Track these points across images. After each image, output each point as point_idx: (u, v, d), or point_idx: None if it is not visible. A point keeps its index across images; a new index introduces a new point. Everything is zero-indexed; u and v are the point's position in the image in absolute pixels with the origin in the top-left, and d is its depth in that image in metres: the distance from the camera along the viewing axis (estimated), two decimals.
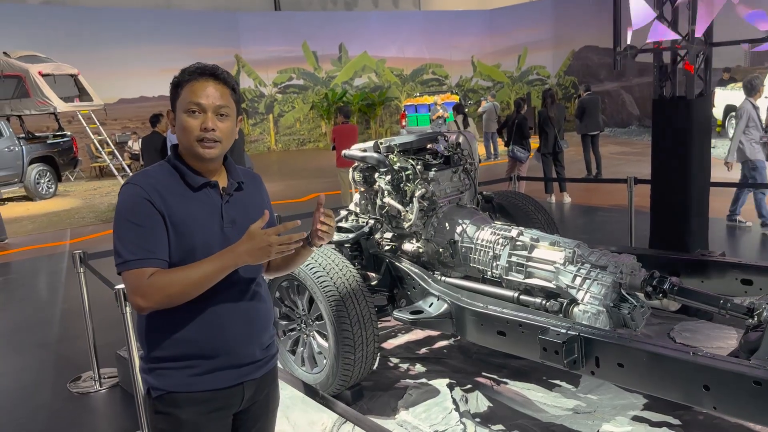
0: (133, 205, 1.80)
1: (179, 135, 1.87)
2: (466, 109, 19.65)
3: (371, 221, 4.15)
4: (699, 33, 4.71)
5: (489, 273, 3.72)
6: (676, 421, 3.27)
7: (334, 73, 24.34)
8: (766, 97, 11.10)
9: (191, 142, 1.84)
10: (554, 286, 3.37)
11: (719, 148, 13.88)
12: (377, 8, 26.01)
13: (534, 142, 10.07)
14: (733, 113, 14.85)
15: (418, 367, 4.15)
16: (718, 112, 15.52)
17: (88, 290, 4.39)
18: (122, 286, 3.24)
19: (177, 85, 1.87)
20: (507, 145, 9.97)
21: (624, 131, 20.48)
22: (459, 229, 3.90)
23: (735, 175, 7.70)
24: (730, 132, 15.00)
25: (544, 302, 3.35)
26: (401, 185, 4.01)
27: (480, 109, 17.16)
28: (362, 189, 4.28)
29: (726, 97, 15.21)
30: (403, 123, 19.04)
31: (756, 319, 2.80)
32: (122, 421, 4.00)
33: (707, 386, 2.44)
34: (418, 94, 21.41)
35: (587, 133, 11.56)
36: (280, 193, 12.72)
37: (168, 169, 1.89)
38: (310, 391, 2.53)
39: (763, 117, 8.99)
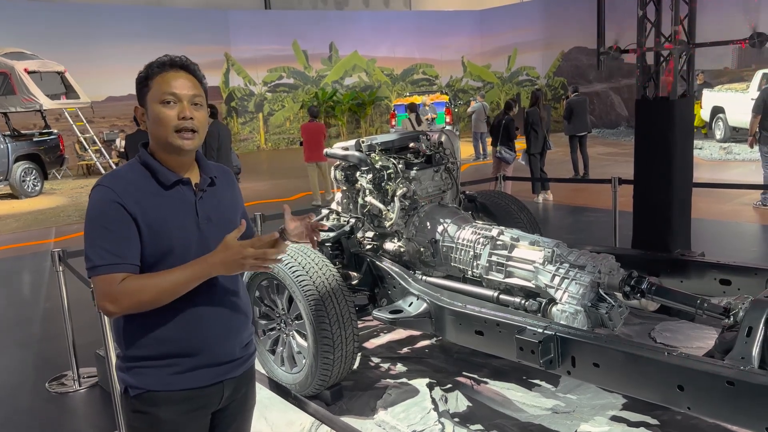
0: (103, 209, 1.77)
1: (154, 128, 1.83)
2: (456, 109, 19.74)
3: (352, 220, 4.13)
4: None
5: (469, 272, 3.72)
6: (654, 421, 3.27)
7: (324, 72, 24.30)
8: (752, 99, 11.19)
9: (169, 133, 1.81)
10: (533, 286, 3.37)
11: (706, 149, 13.98)
12: (368, 8, 25.98)
13: (520, 143, 10.08)
14: (720, 115, 14.97)
15: (399, 367, 4.13)
16: (705, 113, 15.62)
17: (67, 289, 4.35)
18: None
19: (146, 78, 1.84)
20: (494, 145, 9.98)
21: (612, 132, 20.57)
22: (440, 228, 3.89)
23: (718, 175, 7.74)
24: (717, 134, 15.12)
25: (523, 302, 3.34)
26: (382, 184, 3.99)
27: (469, 109, 17.19)
28: (344, 188, 4.27)
29: (713, 98, 15.30)
30: (393, 122, 19.03)
31: (732, 319, 2.81)
32: (101, 420, 3.96)
33: (681, 386, 2.44)
34: (408, 94, 21.41)
35: (575, 134, 11.58)
36: (269, 191, 12.69)
37: (139, 168, 1.85)
38: (282, 391, 2.51)
39: (749, 113, 9.07)
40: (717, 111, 15.15)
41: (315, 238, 1.93)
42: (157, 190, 1.83)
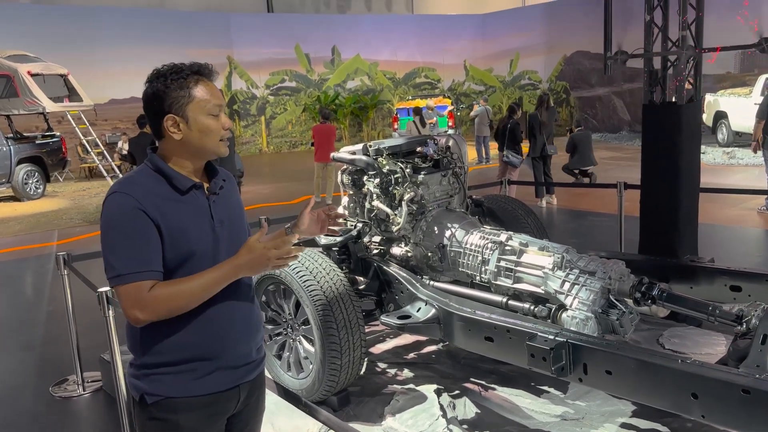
0: (124, 215, 1.75)
1: (201, 139, 1.85)
2: (458, 113, 19.73)
3: (360, 225, 4.11)
4: None
5: (478, 278, 3.70)
6: (665, 429, 3.25)
7: (326, 76, 24.30)
8: (756, 104, 11.17)
9: (216, 143, 1.87)
10: (543, 292, 3.34)
11: (709, 154, 13.97)
12: (370, 11, 25.99)
13: (526, 147, 10.08)
14: (723, 120, 14.97)
15: (406, 373, 4.11)
16: (707, 118, 15.61)
17: (72, 292, 4.33)
18: (106, 288, 3.19)
19: (184, 88, 1.82)
20: (500, 149, 9.96)
21: (615, 136, 20.57)
22: (448, 233, 3.87)
23: (722, 180, 7.73)
24: (720, 138, 15.12)
25: (532, 308, 3.32)
26: (390, 188, 3.97)
27: (472, 113, 17.18)
28: (351, 192, 4.25)
29: (716, 103, 15.30)
30: (395, 126, 19.02)
31: (745, 326, 2.79)
32: (105, 425, 3.95)
33: (695, 394, 2.42)
34: (410, 98, 21.40)
35: (580, 168, 11.12)
36: (272, 195, 12.67)
37: (153, 174, 1.85)
38: (292, 397, 2.49)
39: (753, 119, 9.05)
40: (720, 116, 15.15)
41: (325, 227, 2.11)
42: (174, 195, 1.83)
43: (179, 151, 1.86)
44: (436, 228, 3.94)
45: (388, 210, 3.96)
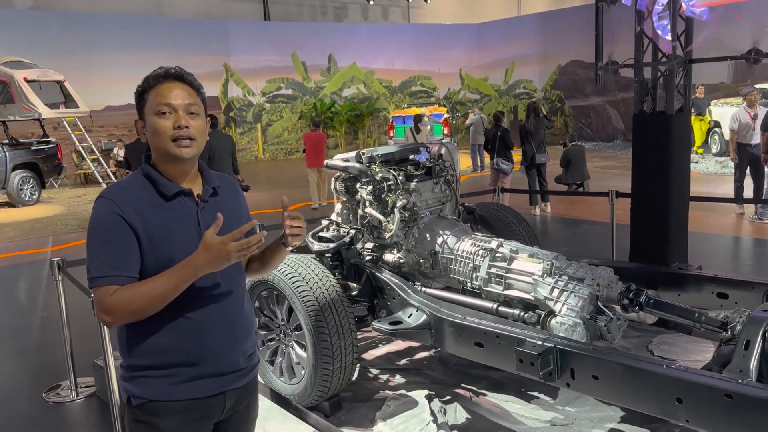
0: (104, 221, 1.78)
1: (152, 139, 1.85)
2: (453, 121, 19.82)
3: (352, 231, 4.14)
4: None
5: (469, 284, 3.73)
6: None
7: (323, 84, 24.39)
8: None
9: (166, 143, 1.82)
10: (532, 298, 3.38)
11: (702, 163, 14.08)
12: (367, 20, 26.14)
13: (517, 154, 10.16)
14: (717, 129, 15.07)
15: (398, 378, 4.14)
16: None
17: (66, 298, 4.34)
18: None
19: (143, 92, 1.86)
20: (491, 158, 10.03)
21: (609, 145, 20.68)
22: (440, 240, 3.91)
23: (714, 189, 7.78)
24: (713, 147, 15.22)
25: (522, 314, 3.36)
26: (383, 196, 4.01)
27: (467, 122, 17.27)
28: (344, 199, 4.28)
29: (711, 113, 15.41)
30: (391, 134, 19.10)
31: (729, 332, 2.83)
32: (98, 431, 3.95)
33: (680, 399, 2.46)
34: (406, 106, 21.49)
35: (573, 183, 11.01)
36: (267, 201, 12.67)
37: (141, 180, 1.87)
38: (283, 402, 2.52)
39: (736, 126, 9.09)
40: (714, 125, 15.26)
41: (290, 233, 1.92)
42: (159, 201, 1.84)
43: (155, 155, 1.89)
44: (428, 235, 3.98)
45: (381, 217, 4.00)
